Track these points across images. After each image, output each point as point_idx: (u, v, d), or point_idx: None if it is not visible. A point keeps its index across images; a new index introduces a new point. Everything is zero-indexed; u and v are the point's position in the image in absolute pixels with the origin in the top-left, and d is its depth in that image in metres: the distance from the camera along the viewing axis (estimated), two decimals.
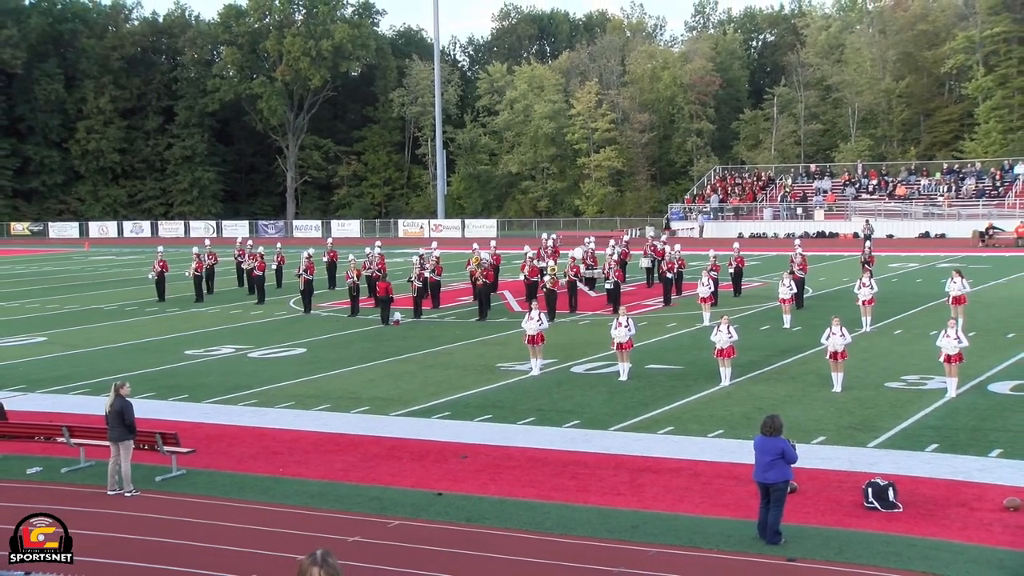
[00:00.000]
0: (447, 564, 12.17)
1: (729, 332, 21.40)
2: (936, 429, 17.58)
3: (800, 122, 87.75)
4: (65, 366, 25.91)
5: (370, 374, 24.06)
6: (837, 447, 16.65)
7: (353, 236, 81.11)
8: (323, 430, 18.78)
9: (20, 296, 43.03)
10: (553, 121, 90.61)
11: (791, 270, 32.20)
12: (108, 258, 66.08)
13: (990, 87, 78.06)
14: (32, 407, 20.78)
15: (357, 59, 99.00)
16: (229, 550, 12.85)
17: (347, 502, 14.59)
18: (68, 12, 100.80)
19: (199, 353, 27.44)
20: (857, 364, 22.41)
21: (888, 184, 73.33)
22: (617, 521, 13.53)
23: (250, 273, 39.97)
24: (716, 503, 14.12)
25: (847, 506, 13.82)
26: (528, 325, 23.44)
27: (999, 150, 75.93)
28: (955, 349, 19.67)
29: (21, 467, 16.78)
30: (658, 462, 16.15)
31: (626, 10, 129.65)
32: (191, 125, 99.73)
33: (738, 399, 20.24)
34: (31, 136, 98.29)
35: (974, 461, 15.68)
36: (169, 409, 20.46)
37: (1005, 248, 55.25)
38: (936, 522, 13.17)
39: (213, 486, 15.52)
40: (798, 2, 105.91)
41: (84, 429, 16.97)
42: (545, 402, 20.48)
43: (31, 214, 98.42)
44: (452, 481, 15.43)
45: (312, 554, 5.20)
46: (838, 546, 12.43)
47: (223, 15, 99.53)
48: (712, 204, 76.89)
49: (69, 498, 15.23)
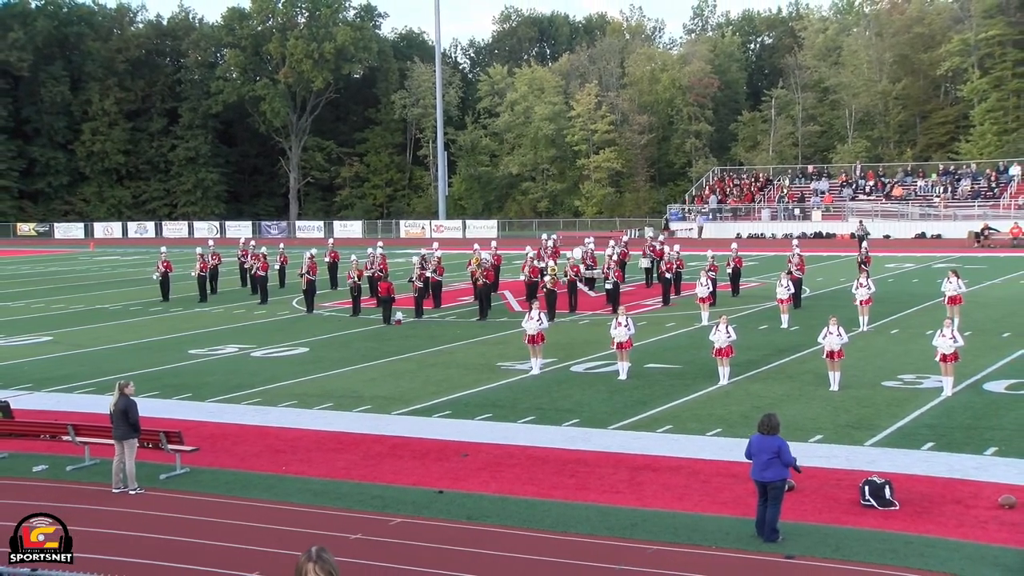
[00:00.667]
0: (448, 561, 12.17)
1: (727, 332, 21.39)
2: (932, 428, 17.58)
3: (798, 124, 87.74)
4: (70, 365, 25.92)
5: (372, 373, 24.05)
6: (834, 445, 16.64)
7: (355, 237, 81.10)
8: (325, 429, 18.78)
9: (26, 296, 43.04)
10: (553, 123, 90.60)
11: (789, 270, 32.18)
12: (113, 258, 66.08)
13: (985, 89, 78.09)
14: (38, 406, 20.78)
15: (359, 61, 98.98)
16: (232, 547, 12.85)
17: (349, 500, 14.59)
18: (74, 15, 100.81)
19: (203, 352, 27.44)
20: (854, 363, 22.41)
21: (885, 185, 73.34)
22: (616, 519, 13.53)
23: (253, 273, 39.96)
24: (715, 501, 14.12)
25: (844, 504, 13.81)
26: (528, 325, 23.43)
27: (994, 152, 75.95)
28: (951, 348, 19.67)
29: (27, 465, 16.79)
30: (657, 460, 16.14)
31: (625, 13, 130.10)
32: (195, 127, 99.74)
33: (736, 398, 20.24)
34: (37, 138, 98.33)
35: (970, 459, 15.68)
36: (173, 408, 20.46)
37: (1000, 249, 55.23)
38: (932, 519, 13.17)
39: (217, 484, 15.52)
40: (796, 5, 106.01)
41: (89, 427, 16.97)
42: (545, 401, 20.47)
43: (37, 215, 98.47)
44: (453, 479, 15.42)
45: (308, 551, 5.26)
46: (835, 543, 12.43)
47: (226, 18, 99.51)
48: (710, 205, 76.91)
49: (74, 496, 15.24)
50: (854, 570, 11.66)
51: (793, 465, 12.62)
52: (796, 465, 12.76)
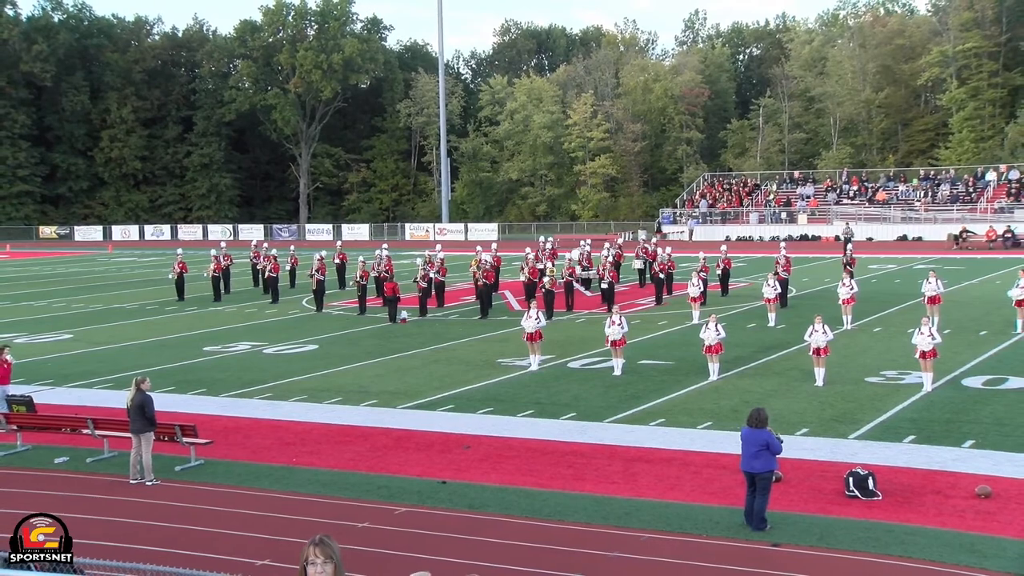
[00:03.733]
0: (451, 549, 12.16)
1: (717, 330, 21.39)
2: (913, 421, 17.57)
3: (784, 131, 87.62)
4: (90, 362, 25.90)
5: (378, 369, 24.04)
6: (819, 438, 16.63)
7: (362, 239, 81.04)
8: (334, 422, 18.77)
9: (48, 296, 43.01)
10: (551, 131, 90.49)
11: (776, 271, 32.14)
12: (130, 260, 66.03)
13: (963, 99, 78.11)
14: (59, 400, 20.77)
15: (366, 72, 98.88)
16: (245, 536, 12.84)
17: (356, 490, 14.57)
18: (94, 28, 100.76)
19: (217, 349, 27.42)
20: (838, 360, 22.40)
21: (868, 190, 73.29)
22: (611, 508, 13.52)
23: (264, 274, 39.93)
24: (705, 491, 14.11)
25: (829, 494, 13.81)
26: (527, 323, 23.43)
27: (971, 158, 76.01)
28: (930, 346, 19.67)
29: (49, 457, 16.80)
30: (650, 452, 16.13)
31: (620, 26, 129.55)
32: (209, 134, 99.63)
33: (726, 393, 20.23)
34: (58, 145, 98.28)
35: (948, 451, 15.67)
36: (188, 402, 20.44)
37: (977, 251, 55.21)
38: (913, 509, 13.17)
39: (230, 475, 15.51)
40: (783, 17, 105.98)
41: (108, 421, 16.97)
42: (543, 396, 20.46)
43: (58, 218, 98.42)
44: (456, 470, 15.41)
45: (312, 538, 5.30)
46: (820, 532, 12.42)
47: (239, 30, 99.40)
48: (701, 209, 76.86)
49: (93, 486, 15.24)
50: (838, 558, 11.65)
51: (777, 450, 12.63)
52: (779, 438, 12.83)
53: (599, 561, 11.73)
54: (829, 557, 11.67)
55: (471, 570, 11.20)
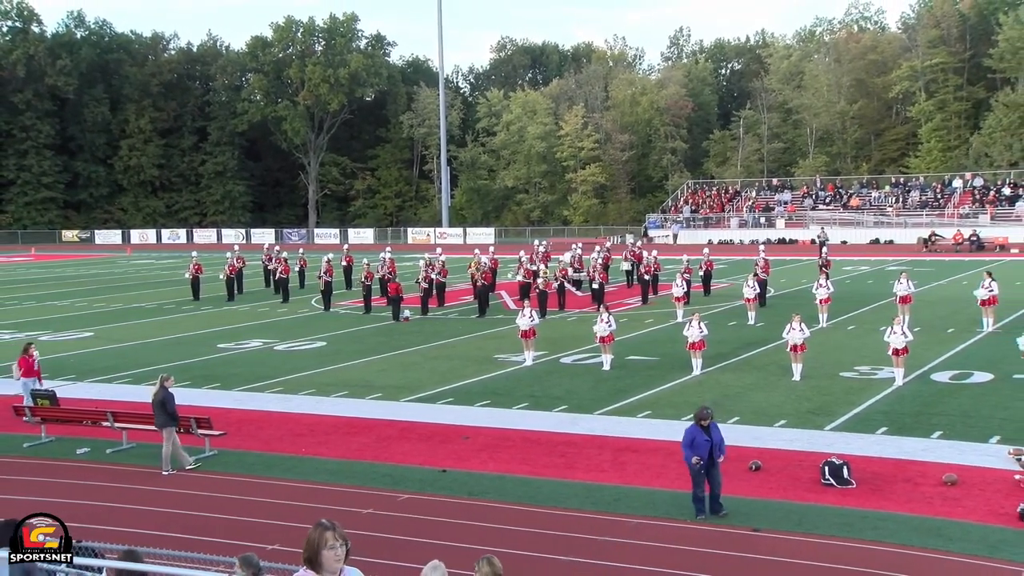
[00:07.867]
0: (451, 533, 12.15)
1: (700, 327, 21.39)
2: (885, 414, 17.58)
3: (764, 141, 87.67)
4: (110, 358, 25.85)
5: (383, 364, 24.01)
6: (797, 430, 16.64)
7: (367, 242, 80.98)
8: (341, 414, 18.75)
9: (70, 296, 42.92)
10: (544, 141, 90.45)
11: (755, 272, 32.15)
12: (148, 262, 65.91)
13: (931, 111, 78.33)
14: (81, 395, 20.73)
15: (371, 86, 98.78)
16: (256, 522, 12.82)
17: (362, 478, 14.56)
18: (114, 44, 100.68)
19: (230, 346, 27.38)
20: (815, 356, 22.40)
21: (842, 196, 73.36)
22: (601, 495, 13.52)
23: (276, 275, 39.88)
24: (689, 479, 14.08)
25: (806, 482, 13.82)
26: (522, 321, 23.43)
27: (939, 166, 76.24)
28: (901, 343, 19.69)
29: (71, 448, 16.77)
30: (638, 442, 16.13)
31: (609, 42, 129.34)
32: (222, 143, 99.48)
33: (708, 387, 20.23)
34: (80, 154, 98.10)
35: (918, 442, 15.69)
36: (203, 396, 20.40)
37: (945, 253, 55.27)
38: (884, 496, 13.18)
39: (242, 465, 15.49)
40: (762, 34, 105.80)
41: (127, 415, 16.95)
42: (537, 389, 20.45)
43: (80, 223, 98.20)
44: (456, 459, 15.41)
45: (320, 522, 5.23)
46: (798, 518, 12.43)
47: (251, 45, 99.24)
48: (685, 214, 76.89)
49: (113, 476, 15.21)
50: (815, 542, 11.66)
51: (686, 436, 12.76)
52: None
53: (590, 544, 11.73)
54: (806, 542, 11.67)
55: (471, 554, 11.18)
